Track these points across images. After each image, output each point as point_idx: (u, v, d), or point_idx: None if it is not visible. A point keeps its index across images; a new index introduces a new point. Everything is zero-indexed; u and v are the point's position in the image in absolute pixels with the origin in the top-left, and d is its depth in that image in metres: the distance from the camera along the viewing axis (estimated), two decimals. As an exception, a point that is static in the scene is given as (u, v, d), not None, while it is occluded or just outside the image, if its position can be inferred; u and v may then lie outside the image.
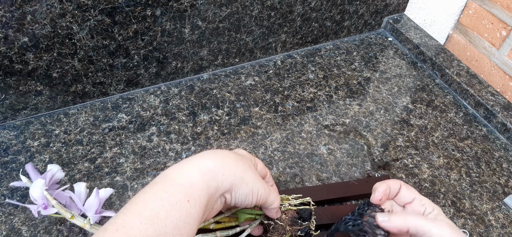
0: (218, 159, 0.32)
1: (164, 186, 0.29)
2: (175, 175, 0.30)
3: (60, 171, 0.39)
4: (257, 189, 0.33)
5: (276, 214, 0.37)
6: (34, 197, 0.36)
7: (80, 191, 0.38)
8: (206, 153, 0.33)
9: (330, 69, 0.68)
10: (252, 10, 0.59)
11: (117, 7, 0.48)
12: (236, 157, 0.33)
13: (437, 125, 0.60)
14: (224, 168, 0.32)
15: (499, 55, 0.84)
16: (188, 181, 0.30)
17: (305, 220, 0.38)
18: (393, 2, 0.75)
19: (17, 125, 0.53)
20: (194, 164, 0.31)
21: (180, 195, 0.28)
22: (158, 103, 0.58)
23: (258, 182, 0.33)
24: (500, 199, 0.50)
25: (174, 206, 0.28)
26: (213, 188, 0.30)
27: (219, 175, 0.31)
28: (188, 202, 0.28)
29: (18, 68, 0.48)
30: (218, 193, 0.31)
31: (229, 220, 0.39)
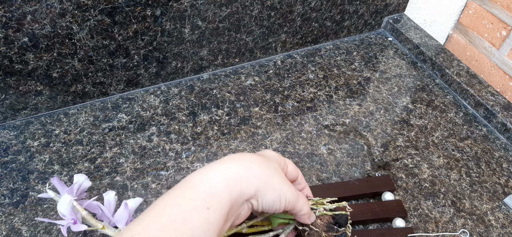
0: (243, 163, 0.31)
1: (183, 192, 0.28)
2: (195, 180, 0.29)
3: (87, 181, 0.38)
4: (284, 195, 0.32)
5: (307, 219, 0.36)
6: (62, 213, 0.35)
7: (109, 200, 0.37)
8: (230, 158, 0.31)
9: (330, 69, 0.68)
10: (252, 10, 0.59)
11: (117, 7, 0.48)
12: (262, 161, 0.32)
13: (437, 125, 0.60)
14: (248, 173, 0.30)
15: (499, 55, 0.84)
16: (209, 187, 0.29)
17: (340, 226, 0.37)
18: (393, 2, 0.75)
19: (17, 125, 0.53)
20: (216, 170, 0.30)
21: (199, 201, 0.28)
22: (158, 103, 0.58)
23: (285, 187, 0.32)
24: (500, 199, 0.50)
25: (192, 212, 0.27)
26: (236, 194, 0.29)
27: (243, 181, 0.30)
28: (207, 209, 0.27)
29: (18, 68, 0.48)
30: (242, 199, 0.30)
31: (262, 224, 0.38)
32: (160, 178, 0.48)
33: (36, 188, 0.46)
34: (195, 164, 0.50)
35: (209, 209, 0.27)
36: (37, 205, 0.44)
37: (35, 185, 0.46)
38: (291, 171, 0.36)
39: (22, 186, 0.46)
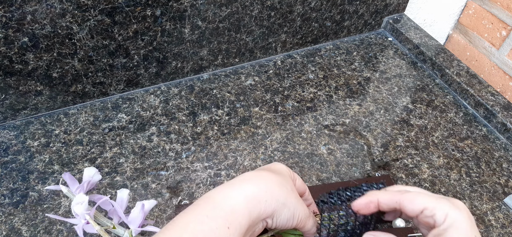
0: (262, 184, 0.31)
1: (205, 209, 0.29)
2: (218, 198, 0.30)
3: (97, 174, 0.38)
4: (298, 213, 0.33)
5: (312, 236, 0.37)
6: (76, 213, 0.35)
7: (122, 198, 0.38)
8: (249, 177, 0.32)
9: (330, 69, 0.68)
10: (252, 10, 0.59)
11: (117, 7, 0.48)
12: (279, 181, 0.33)
13: (437, 125, 0.60)
14: (267, 193, 0.31)
15: (499, 55, 0.84)
16: (231, 206, 0.29)
17: None
18: (393, 2, 0.75)
19: (17, 125, 0.53)
20: (238, 189, 0.30)
21: (221, 220, 0.28)
22: (158, 103, 0.58)
23: (299, 206, 0.33)
24: (500, 199, 0.50)
25: (213, 232, 0.27)
26: (255, 214, 0.30)
27: (262, 202, 0.30)
28: (228, 229, 0.28)
29: (18, 68, 0.48)
30: (259, 219, 0.31)
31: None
32: (160, 178, 0.48)
33: (36, 188, 0.46)
34: (195, 164, 0.50)
35: (229, 229, 0.28)
36: (37, 205, 0.44)
37: (35, 185, 0.46)
38: (299, 186, 0.37)
39: (22, 186, 0.46)
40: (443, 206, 0.31)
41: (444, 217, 0.31)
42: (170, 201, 0.46)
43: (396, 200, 0.34)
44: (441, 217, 0.31)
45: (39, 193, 0.45)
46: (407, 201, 0.33)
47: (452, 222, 0.30)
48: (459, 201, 0.32)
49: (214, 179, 0.49)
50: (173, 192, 0.47)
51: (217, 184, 0.48)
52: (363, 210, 0.36)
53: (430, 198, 0.32)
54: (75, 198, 0.35)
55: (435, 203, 0.31)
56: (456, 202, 0.32)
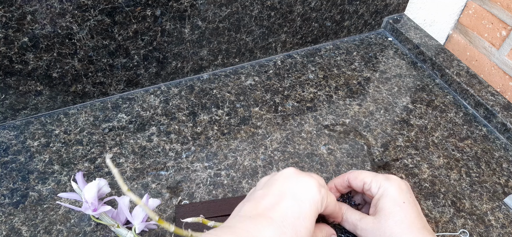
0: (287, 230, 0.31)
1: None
2: None
3: (106, 186, 0.39)
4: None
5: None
6: (86, 198, 0.36)
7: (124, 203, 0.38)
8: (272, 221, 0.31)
9: (330, 69, 0.68)
10: (252, 10, 0.59)
11: (117, 7, 0.48)
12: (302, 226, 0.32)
13: (437, 125, 0.60)
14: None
15: (499, 55, 0.84)
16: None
17: None
18: (393, 2, 0.75)
19: (17, 125, 0.53)
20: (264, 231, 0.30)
21: None
22: (158, 103, 0.58)
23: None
24: (500, 199, 0.50)
25: None
26: None
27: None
28: None
29: (18, 68, 0.48)
30: None
31: None
32: (160, 178, 0.48)
33: (36, 188, 0.46)
34: (195, 164, 0.50)
35: None
36: (37, 205, 0.44)
37: (35, 185, 0.46)
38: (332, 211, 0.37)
39: (22, 186, 0.46)
40: (377, 179, 0.38)
41: (377, 188, 0.38)
42: (170, 201, 0.46)
43: (345, 180, 0.41)
44: (375, 188, 0.38)
45: (39, 193, 0.45)
46: (352, 178, 0.40)
47: (383, 191, 0.37)
48: (393, 176, 0.38)
49: (214, 179, 0.49)
50: (173, 192, 0.47)
51: (217, 184, 0.48)
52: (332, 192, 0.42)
53: (369, 174, 0.39)
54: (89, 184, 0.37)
55: (371, 177, 0.38)
56: (389, 176, 0.38)
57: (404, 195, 0.37)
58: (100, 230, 0.42)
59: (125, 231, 0.37)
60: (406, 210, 0.36)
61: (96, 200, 0.37)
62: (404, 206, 0.36)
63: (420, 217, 0.36)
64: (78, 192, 0.38)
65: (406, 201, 0.36)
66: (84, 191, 0.36)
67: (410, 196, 0.37)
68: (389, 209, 0.36)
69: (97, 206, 0.36)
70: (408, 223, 0.35)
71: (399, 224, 0.35)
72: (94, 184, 0.37)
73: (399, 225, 0.35)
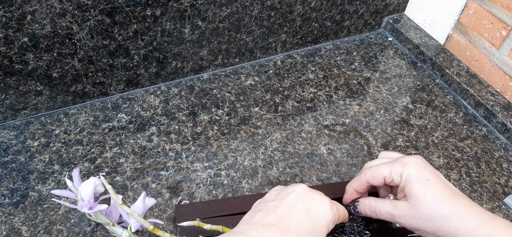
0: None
1: None
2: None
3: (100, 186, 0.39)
4: None
5: None
6: (82, 196, 0.36)
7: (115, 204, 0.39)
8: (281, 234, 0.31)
9: (330, 69, 0.68)
10: (252, 10, 0.59)
11: (117, 7, 0.48)
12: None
13: (437, 125, 0.60)
14: None
15: (499, 55, 0.84)
16: None
17: None
18: (393, 2, 0.75)
19: (17, 125, 0.53)
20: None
21: None
22: (158, 103, 0.58)
23: None
24: (500, 199, 0.50)
25: None
26: None
27: None
28: None
29: (18, 68, 0.48)
30: None
31: None
32: (160, 178, 0.48)
33: (36, 188, 0.46)
34: (195, 164, 0.50)
35: None
36: (37, 205, 0.44)
37: (35, 185, 0.46)
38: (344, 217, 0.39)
39: (22, 186, 0.46)
40: (395, 169, 0.37)
41: (399, 177, 0.37)
42: (170, 201, 0.46)
43: (363, 181, 0.40)
44: (397, 178, 0.37)
45: (39, 193, 0.45)
46: (370, 178, 0.39)
47: (406, 178, 0.37)
48: (407, 158, 0.38)
49: (214, 179, 0.49)
50: (173, 192, 0.47)
51: (217, 184, 0.48)
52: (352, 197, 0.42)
53: (385, 167, 0.38)
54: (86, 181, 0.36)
55: (389, 169, 0.38)
56: (404, 160, 0.38)
57: (425, 172, 0.37)
58: (100, 230, 0.42)
59: (121, 229, 0.37)
60: (433, 186, 0.36)
61: (92, 199, 0.36)
62: (430, 182, 0.36)
63: (446, 185, 0.37)
64: (73, 190, 0.37)
65: (429, 177, 0.36)
66: (80, 189, 0.36)
67: (430, 169, 0.38)
68: (418, 192, 0.36)
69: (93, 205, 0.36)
70: (441, 197, 0.35)
71: (433, 202, 0.35)
72: (91, 182, 0.36)
73: (433, 203, 0.35)
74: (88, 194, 0.36)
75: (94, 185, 0.36)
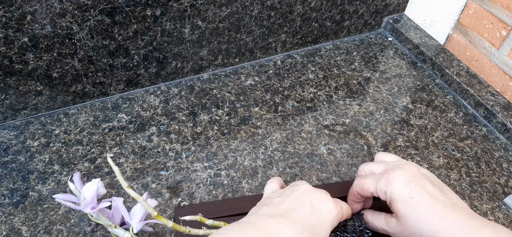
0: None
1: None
2: None
3: (102, 188, 0.39)
4: None
5: None
6: (86, 196, 0.36)
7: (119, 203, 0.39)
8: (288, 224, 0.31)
9: (330, 69, 0.68)
10: (252, 10, 0.59)
11: (117, 7, 0.48)
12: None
13: (437, 125, 0.60)
14: None
15: (499, 55, 0.84)
16: None
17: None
18: (393, 2, 0.75)
19: (17, 125, 0.53)
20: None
21: None
22: (158, 103, 0.58)
23: None
24: (500, 199, 0.50)
25: None
26: None
27: None
28: None
29: (18, 68, 0.48)
30: None
31: None
32: (160, 178, 0.48)
33: (36, 188, 0.46)
34: (195, 164, 0.50)
35: None
36: (37, 205, 0.44)
37: (35, 185, 0.46)
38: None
39: (22, 186, 0.46)
40: (380, 186, 0.37)
41: (384, 195, 0.37)
42: (170, 201, 0.46)
43: (356, 194, 0.40)
44: (383, 196, 0.37)
45: (39, 193, 0.45)
46: (360, 191, 0.39)
47: (390, 197, 0.36)
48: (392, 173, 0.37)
49: (214, 179, 0.49)
50: (173, 192, 0.47)
51: (217, 184, 0.48)
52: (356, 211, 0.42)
53: (372, 182, 0.38)
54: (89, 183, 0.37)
55: (374, 185, 0.37)
56: (389, 176, 0.37)
57: (410, 188, 0.35)
58: (100, 230, 0.42)
59: (122, 231, 0.37)
60: (418, 203, 0.35)
61: (95, 199, 0.37)
62: (414, 200, 0.35)
63: (433, 198, 0.35)
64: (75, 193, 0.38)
65: (413, 194, 0.35)
66: (83, 189, 0.37)
67: (416, 183, 0.36)
68: (402, 212, 0.35)
69: (95, 205, 0.37)
70: (426, 215, 0.34)
71: (417, 221, 0.34)
72: (94, 183, 0.37)
73: (418, 222, 0.34)
74: (91, 194, 0.36)
75: (96, 186, 0.37)
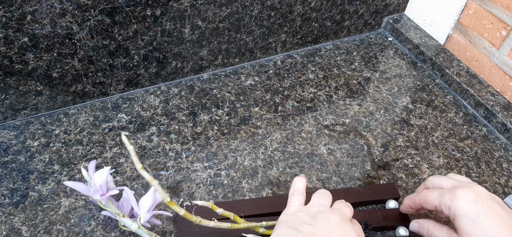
0: None
1: None
2: None
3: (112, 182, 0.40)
4: None
5: None
6: (96, 182, 0.37)
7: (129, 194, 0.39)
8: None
9: (330, 69, 0.68)
10: (252, 10, 0.59)
11: (117, 7, 0.48)
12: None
13: (437, 125, 0.60)
14: None
15: (499, 55, 0.84)
16: None
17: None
18: (393, 2, 0.75)
19: (17, 125, 0.53)
20: None
21: None
22: (158, 103, 0.58)
23: None
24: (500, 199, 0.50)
25: None
26: None
27: None
28: None
29: (18, 68, 0.48)
30: None
31: None
32: (160, 178, 0.48)
33: (36, 188, 0.46)
34: (195, 164, 0.50)
35: None
36: (37, 205, 0.44)
37: (35, 185, 0.46)
38: None
39: (22, 186, 0.46)
40: (445, 200, 0.37)
41: (448, 210, 0.36)
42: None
43: (417, 203, 0.41)
44: (446, 211, 0.37)
45: (39, 193, 0.45)
46: (423, 202, 0.40)
47: (454, 212, 0.36)
48: (460, 189, 0.37)
49: (214, 179, 0.49)
50: (173, 192, 0.47)
51: (217, 184, 0.48)
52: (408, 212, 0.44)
53: (437, 196, 0.38)
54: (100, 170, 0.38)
55: (439, 199, 0.37)
56: (456, 192, 0.36)
57: (476, 206, 0.35)
58: (100, 230, 0.42)
59: (130, 221, 0.38)
60: (483, 222, 0.34)
61: (105, 186, 0.37)
62: (480, 218, 0.34)
63: (501, 220, 0.34)
64: (87, 179, 0.38)
65: (480, 212, 0.34)
66: (94, 176, 0.38)
67: (483, 203, 0.35)
68: (466, 229, 0.35)
69: (105, 192, 0.37)
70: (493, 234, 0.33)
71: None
72: (105, 171, 0.38)
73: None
74: (101, 181, 0.37)
75: (107, 174, 0.38)
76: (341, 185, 0.50)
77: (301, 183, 0.40)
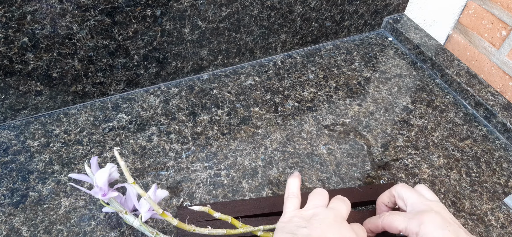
0: None
1: None
2: None
3: (116, 172, 0.40)
4: None
5: None
6: (97, 183, 0.37)
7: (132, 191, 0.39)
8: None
9: (330, 69, 0.68)
10: (252, 10, 0.59)
11: (117, 7, 0.48)
12: None
13: (437, 125, 0.60)
14: None
15: (499, 55, 0.84)
16: None
17: None
18: (393, 2, 0.75)
19: (17, 125, 0.53)
20: None
21: None
22: (158, 103, 0.58)
23: None
24: (500, 199, 0.50)
25: None
26: None
27: None
28: None
29: (18, 68, 0.48)
30: None
31: None
32: (160, 178, 0.48)
33: (36, 188, 0.46)
34: (195, 164, 0.50)
35: None
36: (37, 205, 0.44)
37: (35, 185, 0.46)
38: None
39: (22, 186, 0.46)
40: (412, 228, 0.36)
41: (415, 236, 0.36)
42: (170, 201, 0.46)
43: (380, 226, 0.40)
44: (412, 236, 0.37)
45: (39, 193, 0.45)
46: (386, 226, 0.39)
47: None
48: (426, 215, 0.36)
49: (214, 179, 0.49)
50: (173, 192, 0.47)
51: (217, 184, 0.48)
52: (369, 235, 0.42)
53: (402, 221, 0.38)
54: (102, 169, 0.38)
55: (405, 225, 0.37)
56: (423, 218, 0.36)
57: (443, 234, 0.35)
58: (100, 230, 0.42)
59: (132, 218, 0.38)
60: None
61: (107, 186, 0.37)
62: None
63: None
64: (91, 176, 0.39)
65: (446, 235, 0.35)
66: (95, 176, 0.38)
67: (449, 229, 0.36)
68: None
69: (107, 192, 0.37)
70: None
71: None
72: (106, 170, 0.38)
73: None
74: (103, 181, 0.37)
75: (109, 172, 0.38)
76: (341, 185, 0.50)
77: (295, 185, 0.41)
